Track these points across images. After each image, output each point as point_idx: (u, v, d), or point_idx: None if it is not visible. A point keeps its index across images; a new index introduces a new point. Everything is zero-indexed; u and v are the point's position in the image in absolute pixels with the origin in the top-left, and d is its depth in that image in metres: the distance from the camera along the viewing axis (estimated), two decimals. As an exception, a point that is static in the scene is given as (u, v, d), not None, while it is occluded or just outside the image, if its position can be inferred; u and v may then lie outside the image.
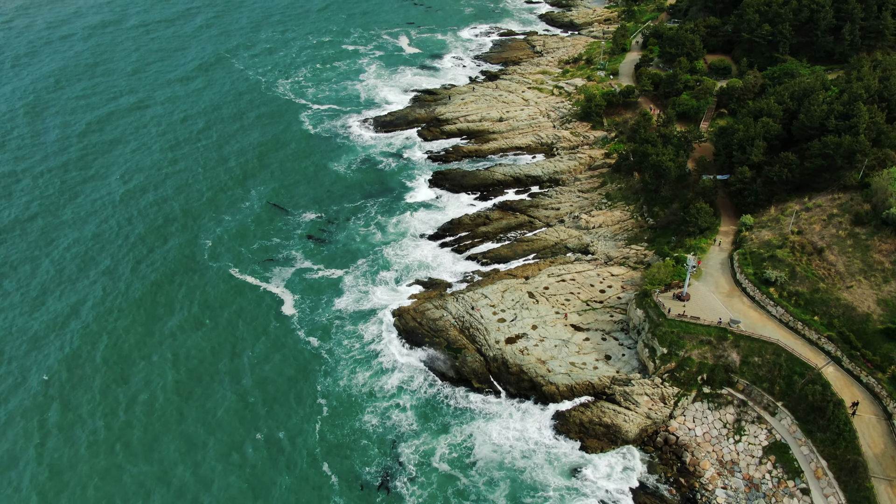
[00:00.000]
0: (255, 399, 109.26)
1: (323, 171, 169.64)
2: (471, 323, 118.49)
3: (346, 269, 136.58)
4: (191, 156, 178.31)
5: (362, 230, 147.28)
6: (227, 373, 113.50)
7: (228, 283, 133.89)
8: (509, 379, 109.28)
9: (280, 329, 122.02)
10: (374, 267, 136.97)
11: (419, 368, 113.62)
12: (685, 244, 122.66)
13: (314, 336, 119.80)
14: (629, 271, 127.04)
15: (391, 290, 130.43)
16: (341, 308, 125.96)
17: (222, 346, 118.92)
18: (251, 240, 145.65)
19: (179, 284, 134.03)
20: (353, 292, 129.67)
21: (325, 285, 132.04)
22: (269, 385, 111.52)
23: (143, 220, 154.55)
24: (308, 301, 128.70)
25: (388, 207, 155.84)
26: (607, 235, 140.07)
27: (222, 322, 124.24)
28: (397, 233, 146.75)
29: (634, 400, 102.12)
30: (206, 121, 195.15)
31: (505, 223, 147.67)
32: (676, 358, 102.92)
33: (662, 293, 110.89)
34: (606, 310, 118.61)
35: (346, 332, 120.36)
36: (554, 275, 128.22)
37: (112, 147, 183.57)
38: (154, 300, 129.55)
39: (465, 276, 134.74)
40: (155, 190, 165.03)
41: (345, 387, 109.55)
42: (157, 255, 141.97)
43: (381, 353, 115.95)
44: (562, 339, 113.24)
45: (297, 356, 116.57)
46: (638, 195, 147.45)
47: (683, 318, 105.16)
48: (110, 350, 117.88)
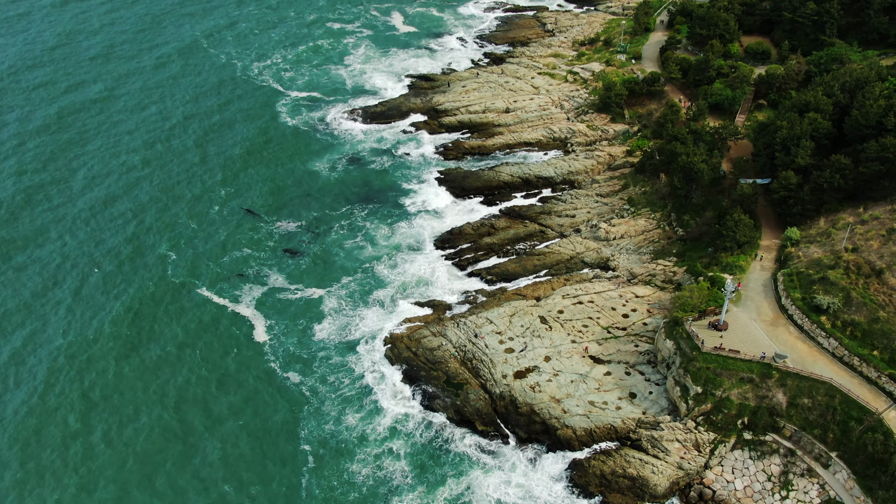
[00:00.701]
0: (227, 451, 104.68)
1: (303, 171, 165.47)
2: (474, 353, 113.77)
3: (328, 288, 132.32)
4: (158, 155, 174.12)
5: (348, 242, 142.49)
6: (192, 422, 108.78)
7: (194, 305, 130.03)
8: (519, 421, 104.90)
9: (252, 362, 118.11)
10: (362, 286, 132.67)
11: (415, 407, 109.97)
12: (721, 261, 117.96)
13: (293, 370, 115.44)
14: (656, 292, 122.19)
15: (382, 313, 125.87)
16: (324, 336, 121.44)
17: (186, 386, 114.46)
18: (221, 252, 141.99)
19: (139, 308, 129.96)
20: (338, 317, 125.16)
21: (304, 308, 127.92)
22: (243, 431, 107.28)
23: (103, 230, 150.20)
24: (283, 327, 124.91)
25: (379, 215, 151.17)
26: (630, 248, 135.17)
27: (186, 355, 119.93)
28: (389, 245, 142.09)
29: (664, 447, 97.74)
30: (177, 115, 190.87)
31: (512, 233, 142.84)
32: (713, 398, 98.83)
33: (696, 321, 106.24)
34: (630, 338, 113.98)
35: (330, 364, 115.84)
36: (569, 296, 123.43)
37: (72, 146, 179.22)
38: (116, 331, 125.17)
39: (466, 297, 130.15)
40: (117, 195, 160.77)
41: (332, 431, 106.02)
42: (118, 273, 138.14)
43: (372, 390, 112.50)
44: (579, 374, 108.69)
45: (274, 395, 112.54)
46: (665, 201, 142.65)
47: (721, 351, 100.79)
48: (62, 395, 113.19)
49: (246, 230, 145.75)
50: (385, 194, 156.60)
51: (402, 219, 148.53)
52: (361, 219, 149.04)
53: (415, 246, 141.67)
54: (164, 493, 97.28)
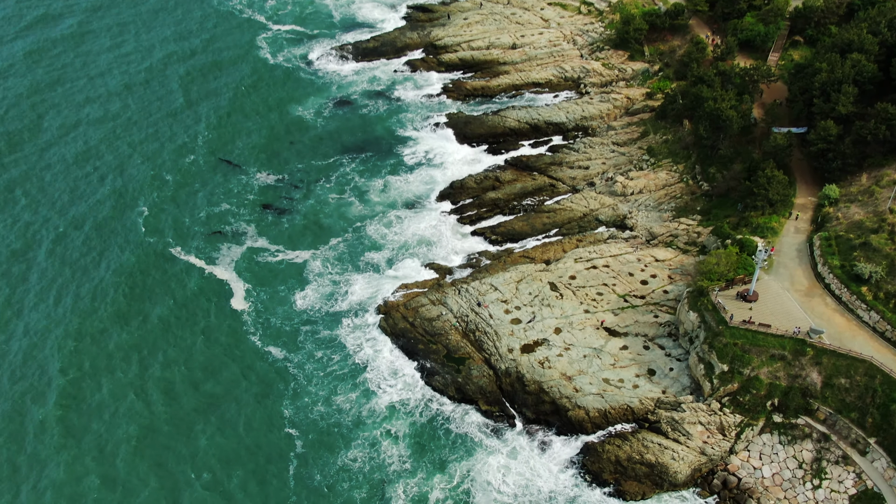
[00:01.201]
0: (204, 434, 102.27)
1: (287, 117, 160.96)
2: (477, 324, 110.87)
3: (313, 250, 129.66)
4: (131, 101, 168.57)
5: (335, 198, 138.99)
6: (165, 402, 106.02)
7: (168, 268, 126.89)
8: (526, 400, 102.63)
9: (231, 334, 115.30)
10: (352, 248, 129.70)
11: (413, 386, 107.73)
12: (750, 222, 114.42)
13: (276, 344, 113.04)
14: (678, 255, 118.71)
15: (374, 278, 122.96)
16: (308, 304, 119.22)
17: (157, 362, 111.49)
18: (196, 207, 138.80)
19: (106, 269, 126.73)
20: (324, 283, 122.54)
21: (287, 273, 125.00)
22: (221, 413, 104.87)
23: (71, 182, 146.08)
24: (264, 294, 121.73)
25: (370, 167, 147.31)
26: (650, 204, 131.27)
27: (157, 324, 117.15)
28: (381, 201, 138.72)
29: (685, 430, 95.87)
30: (153, 55, 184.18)
31: (520, 187, 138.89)
32: (740, 377, 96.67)
33: (722, 291, 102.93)
34: (649, 308, 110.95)
35: (317, 338, 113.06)
36: (582, 259, 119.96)
37: (39, 90, 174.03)
38: (76, 292, 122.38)
39: (469, 259, 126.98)
40: (80, 142, 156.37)
41: (322, 413, 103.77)
42: (81, 231, 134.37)
43: (365, 367, 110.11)
44: (593, 348, 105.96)
45: (255, 373, 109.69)
46: (689, 151, 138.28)
47: (750, 325, 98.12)
48: (19, 362, 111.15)
49: (224, 183, 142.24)
50: (378, 143, 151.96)
51: (396, 171, 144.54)
52: (351, 171, 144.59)
53: (410, 202, 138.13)
54: (130, 483, 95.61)
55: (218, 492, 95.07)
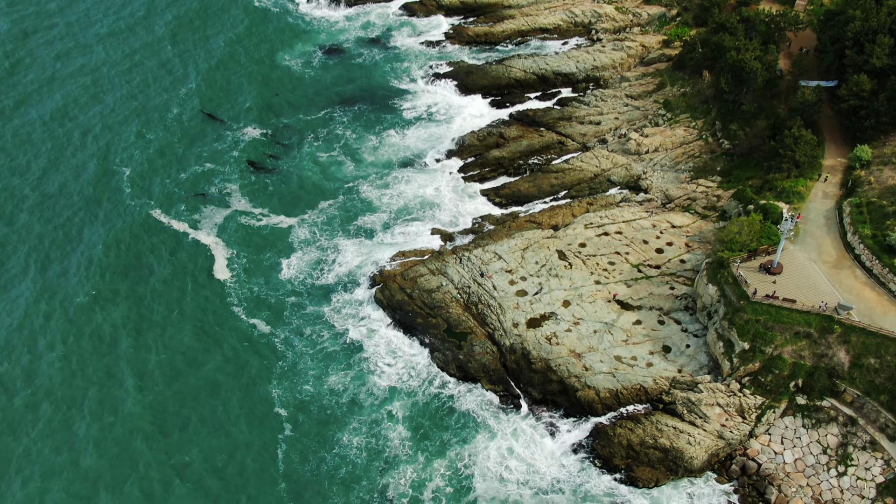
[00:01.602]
0: (184, 414, 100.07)
1: (273, 67, 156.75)
2: (480, 296, 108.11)
3: (301, 214, 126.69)
4: (104, 46, 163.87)
5: (324, 156, 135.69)
6: (141, 379, 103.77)
7: (148, 232, 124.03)
8: (532, 379, 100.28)
9: (212, 304, 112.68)
10: (343, 212, 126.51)
11: (414, 362, 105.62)
12: (775, 185, 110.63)
13: (261, 318, 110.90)
14: (696, 220, 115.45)
15: (368, 246, 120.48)
16: (295, 273, 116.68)
17: (136, 333, 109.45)
18: (180, 166, 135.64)
19: (85, 234, 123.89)
20: (312, 250, 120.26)
21: (272, 239, 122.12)
22: (202, 391, 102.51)
23: (43, 139, 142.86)
24: (247, 261, 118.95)
25: (363, 122, 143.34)
26: (666, 164, 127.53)
27: (137, 294, 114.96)
28: (375, 161, 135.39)
29: (702, 412, 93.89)
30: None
31: (525, 144, 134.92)
32: (762, 356, 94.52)
33: (744, 262, 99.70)
34: (665, 279, 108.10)
35: (306, 312, 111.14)
36: (593, 225, 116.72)
37: (11, 38, 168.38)
38: (52, 260, 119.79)
39: (470, 224, 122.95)
40: (57, 97, 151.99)
41: (312, 394, 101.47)
42: (58, 194, 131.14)
43: (361, 343, 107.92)
44: (604, 322, 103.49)
45: (239, 348, 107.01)
46: (708, 105, 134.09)
47: (773, 300, 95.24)
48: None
49: (208, 140, 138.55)
50: (371, 96, 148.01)
51: (391, 127, 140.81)
52: (342, 126, 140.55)
53: (406, 161, 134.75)
54: (108, 465, 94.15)
55: (200, 475, 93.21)
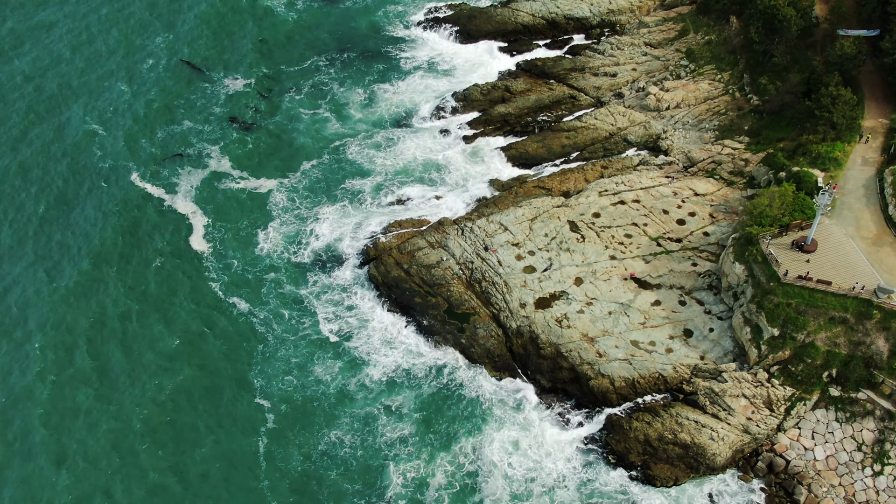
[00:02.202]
0: (159, 398, 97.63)
1: (254, 9, 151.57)
2: (483, 273, 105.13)
3: (283, 177, 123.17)
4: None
5: (309, 111, 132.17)
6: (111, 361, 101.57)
7: (123, 199, 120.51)
8: (540, 366, 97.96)
9: (190, 279, 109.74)
10: (329, 175, 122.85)
11: (412, 346, 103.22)
12: (810, 150, 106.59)
13: (240, 295, 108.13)
14: (721, 187, 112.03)
15: (355, 213, 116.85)
16: (272, 246, 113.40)
17: (107, 304, 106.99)
18: (155, 123, 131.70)
19: (51, 200, 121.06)
20: (291, 218, 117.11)
21: (251, 205, 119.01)
22: (172, 377, 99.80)
23: (13, 96, 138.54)
24: (227, 231, 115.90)
25: (353, 73, 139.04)
26: (688, 122, 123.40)
27: (106, 263, 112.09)
28: (365, 117, 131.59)
29: (726, 404, 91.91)
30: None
31: (534, 99, 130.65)
32: (792, 343, 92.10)
33: (775, 239, 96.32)
34: (686, 254, 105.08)
35: (286, 293, 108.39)
36: (608, 192, 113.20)
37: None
38: (15, 228, 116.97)
39: (474, 188, 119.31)
40: (25, 49, 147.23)
41: (297, 384, 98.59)
42: (22, 155, 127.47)
43: (353, 328, 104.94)
44: (620, 303, 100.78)
45: (216, 329, 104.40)
46: (736, 55, 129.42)
47: (807, 282, 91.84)
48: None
49: (186, 92, 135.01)
50: (362, 43, 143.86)
51: (383, 79, 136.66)
52: (329, 78, 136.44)
53: (400, 117, 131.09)
54: (74, 458, 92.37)
55: (173, 469, 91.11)
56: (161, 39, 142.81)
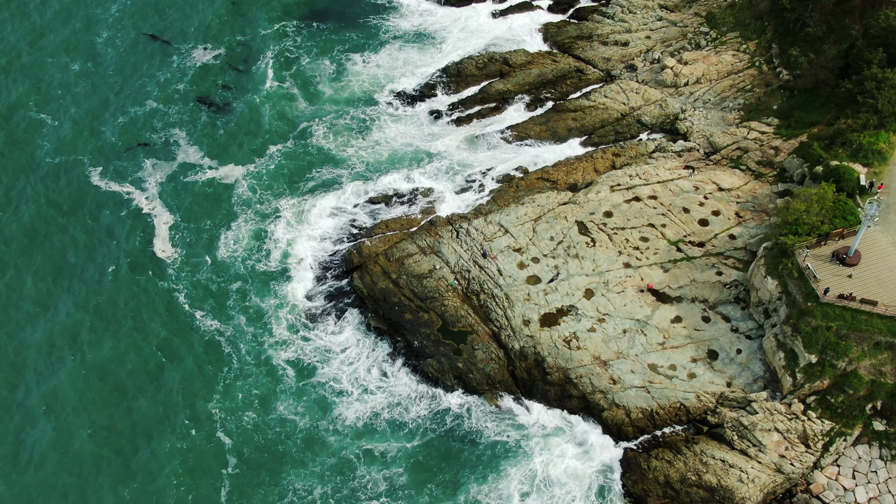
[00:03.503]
0: (104, 432, 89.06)
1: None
2: (482, 284, 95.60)
3: (250, 164, 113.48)
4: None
5: (284, 87, 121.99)
6: (57, 374, 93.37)
7: (79, 197, 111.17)
8: (547, 393, 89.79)
9: (151, 288, 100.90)
10: (299, 162, 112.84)
11: (400, 374, 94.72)
12: (849, 140, 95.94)
13: (203, 308, 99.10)
14: (748, 181, 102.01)
15: (335, 210, 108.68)
16: (240, 248, 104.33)
17: (53, 322, 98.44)
18: (115, 107, 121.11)
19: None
20: (259, 216, 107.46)
21: (217, 200, 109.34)
22: (129, 404, 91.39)
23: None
24: (191, 233, 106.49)
25: (328, 39, 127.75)
26: (709, 100, 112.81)
27: (61, 272, 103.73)
28: (340, 95, 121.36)
29: (756, 440, 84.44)
30: None
31: (536, 73, 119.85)
32: (832, 372, 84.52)
33: (812, 249, 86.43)
34: (710, 261, 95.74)
35: (251, 306, 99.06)
36: (621, 186, 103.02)
37: None
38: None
39: (468, 180, 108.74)
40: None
41: (257, 423, 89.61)
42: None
43: (329, 349, 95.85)
44: (635, 320, 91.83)
45: (180, 345, 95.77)
46: (763, 21, 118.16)
47: (850, 302, 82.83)
48: None
49: (149, 69, 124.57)
50: (344, 4, 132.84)
51: (363, 48, 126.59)
52: (307, 46, 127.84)
53: (379, 95, 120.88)
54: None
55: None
56: (117, 7, 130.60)
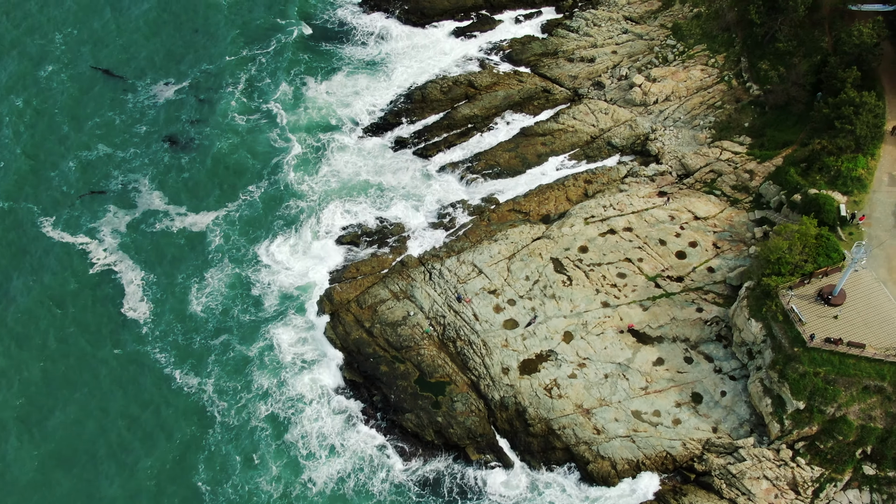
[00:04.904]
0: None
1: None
2: (458, 329, 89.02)
3: (218, 209, 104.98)
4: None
5: (244, 119, 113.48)
6: (23, 453, 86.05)
7: (32, 251, 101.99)
8: (530, 445, 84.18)
9: (124, 350, 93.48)
10: (266, 203, 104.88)
11: (375, 433, 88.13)
12: (827, 165, 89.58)
13: (183, 367, 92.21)
14: (723, 208, 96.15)
15: (304, 253, 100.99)
16: (215, 300, 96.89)
17: (16, 398, 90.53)
18: (66, 151, 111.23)
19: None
20: (231, 264, 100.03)
21: (187, 250, 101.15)
22: (109, 487, 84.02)
23: None
24: (161, 287, 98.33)
25: (292, 64, 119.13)
26: (680, 118, 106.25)
27: (21, 341, 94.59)
28: (307, 123, 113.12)
29: (745, 487, 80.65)
30: None
31: (503, 95, 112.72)
32: (821, 417, 79.98)
33: (797, 289, 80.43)
34: (689, 296, 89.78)
35: (231, 361, 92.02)
36: (595, 218, 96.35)
37: None
38: None
39: (438, 214, 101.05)
40: None
41: (240, 495, 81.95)
42: None
43: (299, 410, 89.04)
44: (617, 363, 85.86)
45: (159, 412, 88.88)
46: (731, 33, 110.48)
47: (837, 345, 76.88)
48: None
49: (102, 107, 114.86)
50: (307, 26, 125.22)
51: (328, 72, 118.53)
52: (270, 72, 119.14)
53: (342, 123, 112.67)
54: None
55: None
56: (62, 38, 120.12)
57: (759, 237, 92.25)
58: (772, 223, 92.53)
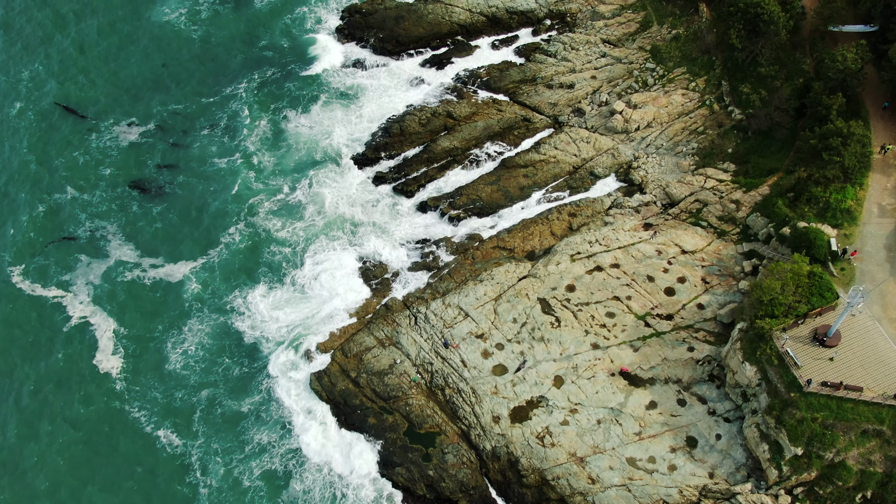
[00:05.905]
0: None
1: (150, 26, 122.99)
2: (446, 377, 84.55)
3: (193, 258, 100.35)
4: None
5: (218, 162, 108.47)
6: None
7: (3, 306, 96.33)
8: (524, 497, 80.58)
9: (99, 411, 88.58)
10: (244, 249, 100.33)
11: (366, 488, 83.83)
12: (815, 196, 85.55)
13: (167, 426, 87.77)
14: (711, 240, 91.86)
15: (285, 302, 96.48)
16: (195, 354, 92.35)
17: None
18: (29, 196, 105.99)
19: None
20: (211, 314, 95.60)
21: (163, 302, 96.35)
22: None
23: None
24: (137, 342, 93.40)
25: (266, 98, 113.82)
26: (662, 144, 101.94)
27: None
28: (283, 166, 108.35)
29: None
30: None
31: (482, 126, 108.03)
32: (819, 463, 76.58)
33: (790, 330, 76.20)
34: (680, 335, 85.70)
35: (217, 419, 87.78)
36: (581, 254, 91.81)
37: None
38: None
39: (421, 254, 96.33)
40: None
41: None
42: None
43: (290, 470, 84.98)
44: (609, 408, 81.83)
45: (141, 479, 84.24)
46: (711, 55, 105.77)
47: (835, 390, 72.95)
48: None
49: (67, 148, 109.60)
50: (273, 59, 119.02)
51: (301, 106, 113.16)
52: (242, 108, 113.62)
53: (327, 160, 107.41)
54: None
55: None
56: (28, 74, 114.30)
57: (749, 271, 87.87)
58: (760, 256, 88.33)
